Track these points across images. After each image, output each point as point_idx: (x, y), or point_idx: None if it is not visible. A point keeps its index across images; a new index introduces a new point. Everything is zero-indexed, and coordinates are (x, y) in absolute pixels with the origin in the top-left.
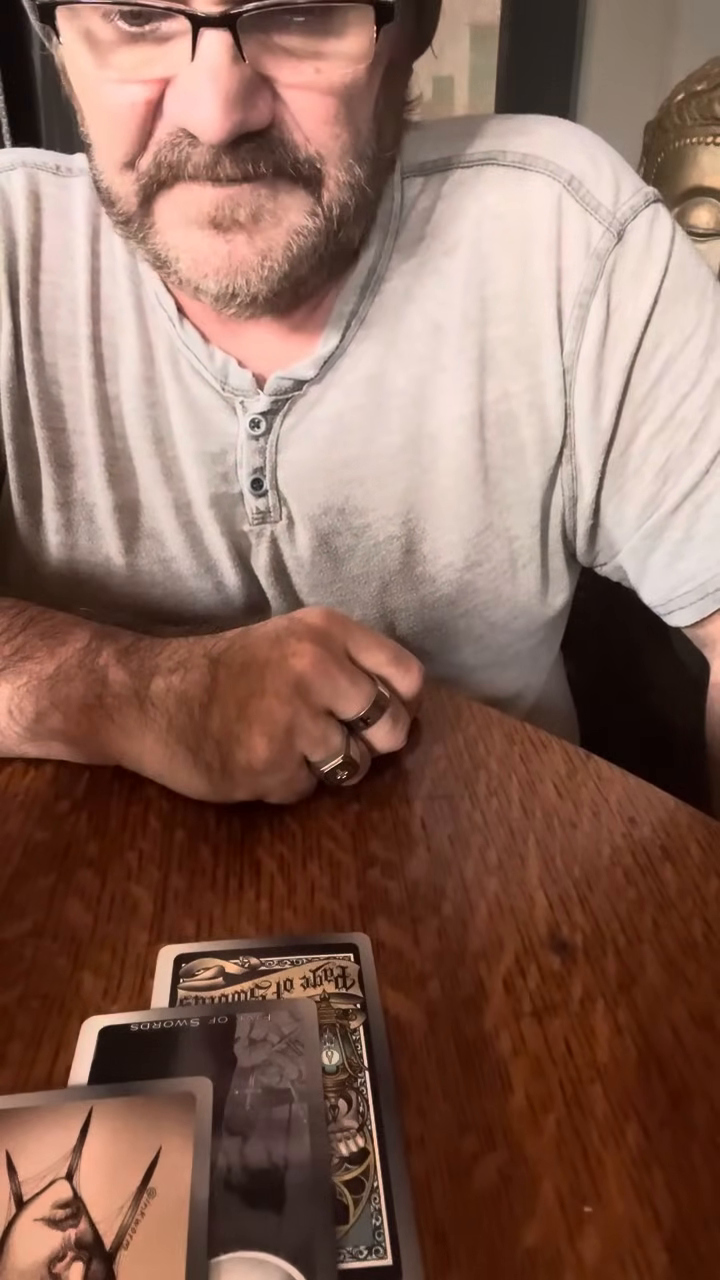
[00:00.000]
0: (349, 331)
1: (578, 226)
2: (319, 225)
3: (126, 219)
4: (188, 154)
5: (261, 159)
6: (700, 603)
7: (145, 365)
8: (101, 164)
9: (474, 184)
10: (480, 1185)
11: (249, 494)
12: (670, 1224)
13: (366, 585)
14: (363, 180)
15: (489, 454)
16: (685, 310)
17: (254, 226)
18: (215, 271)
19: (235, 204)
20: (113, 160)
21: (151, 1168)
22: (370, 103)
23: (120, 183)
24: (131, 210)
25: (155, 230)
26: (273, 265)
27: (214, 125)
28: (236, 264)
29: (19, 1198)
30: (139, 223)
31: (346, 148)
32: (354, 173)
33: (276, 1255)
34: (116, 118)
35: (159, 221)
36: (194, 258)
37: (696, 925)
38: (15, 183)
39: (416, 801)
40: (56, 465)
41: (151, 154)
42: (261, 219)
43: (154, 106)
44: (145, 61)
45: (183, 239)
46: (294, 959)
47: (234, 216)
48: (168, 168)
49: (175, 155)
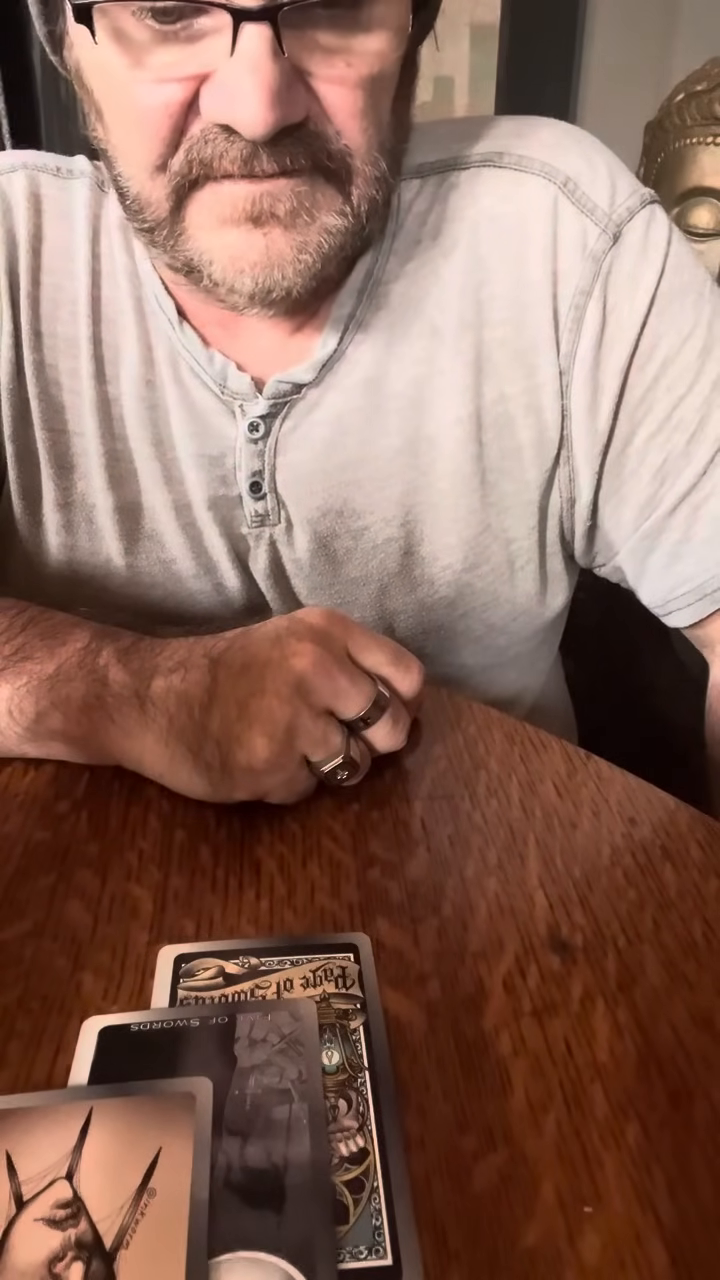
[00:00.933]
0: (347, 335)
1: (574, 228)
2: (348, 225)
3: (155, 226)
4: (224, 149)
5: (299, 153)
6: (698, 604)
7: (145, 368)
8: (129, 170)
9: (470, 186)
10: (480, 1185)
11: (248, 497)
12: (670, 1224)
13: (365, 587)
14: (386, 173)
15: (486, 456)
16: (682, 311)
17: (291, 222)
18: (253, 266)
19: (274, 199)
20: (144, 164)
21: (151, 1168)
22: (390, 95)
23: (152, 188)
24: (162, 216)
25: (186, 235)
26: (308, 260)
27: (258, 120)
28: (275, 258)
29: (19, 1198)
30: (169, 229)
31: (373, 141)
32: (379, 166)
33: (276, 1255)
34: (149, 118)
35: (190, 225)
36: (230, 254)
37: (696, 925)
38: (16, 185)
39: (416, 801)
40: (57, 466)
41: (184, 152)
42: (299, 216)
43: (188, 106)
44: (179, 61)
45: (217, 239)
46: (294, 959)
47: (272, 210)
48: (200, 164)
49: (209, 151)
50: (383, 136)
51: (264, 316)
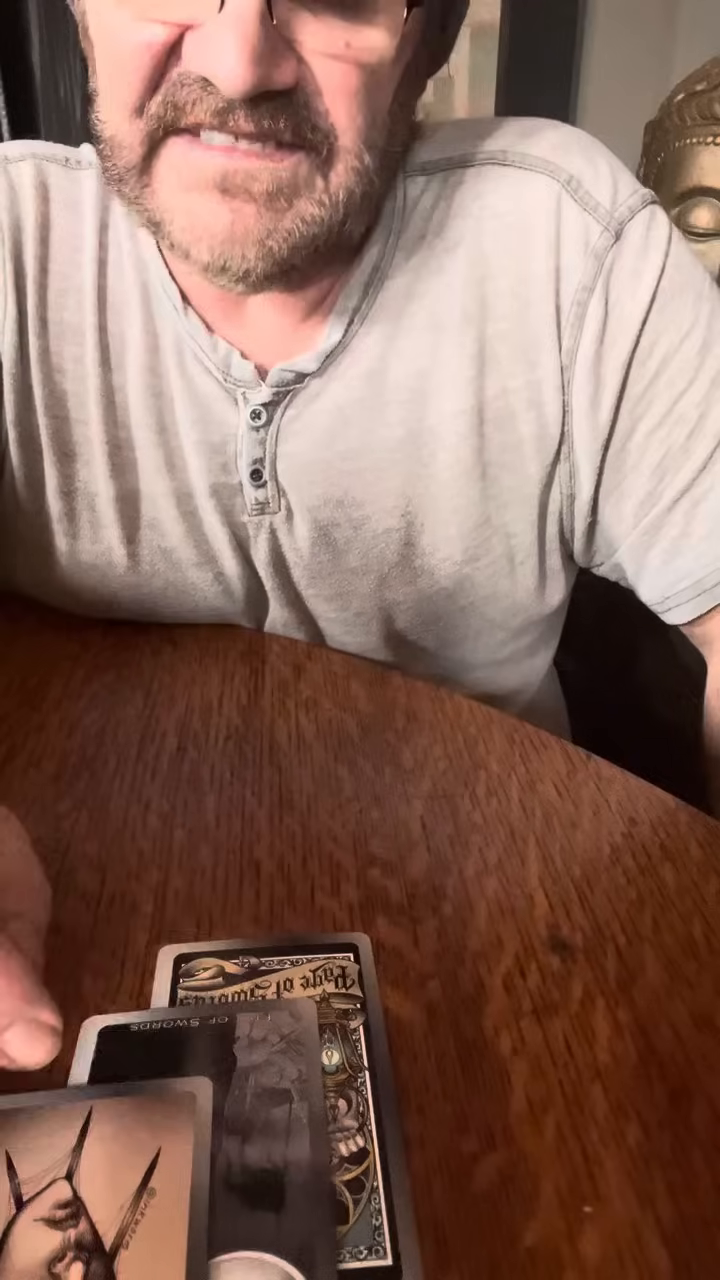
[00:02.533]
0: (352, 326)
1: (576, 226)
2: (325, 215)
3: (124, 174)
4: (199, 96)
5: (281, 117)
6: (697, 599)
7: (150, 355)
8: (108, 110)
9: (475, 183)
10: (480, 1185)
11: (248, 484)
12: (670, 1224)
13: (365, 577)
14: (371, 170)
15: (487, 449)
16: (682, 308)
17: (268, 204)
18: (212, 237)
19: (250, 176)
20: (121, 103)
21: (151, 1168)
22: (389, 95)
23: (127, 130)
24: (133, 162)
25: (151, 191)
26: (273, 246)
27: (236, 77)
28: (238, 234)
29: (19, 1198)
30: (135, 180)
31: (361, 130)
32: (364, 160)
33: (276, 1255)
34: (130, 57)
35: (156, 181)
36: (189, 220)
37: (696, 925)
38: (24, 173)
39: (416, 801)
40: (59, 454)
41: (161, 94)
42: (277, 199)
43: (170, 49)
44: (167, 2)
45: (180, 200)
46: (294, 959)
47: (246, 187)
48: (174, 108)
49: (185, 95)
50: (373, 131)
51: (230, 292)
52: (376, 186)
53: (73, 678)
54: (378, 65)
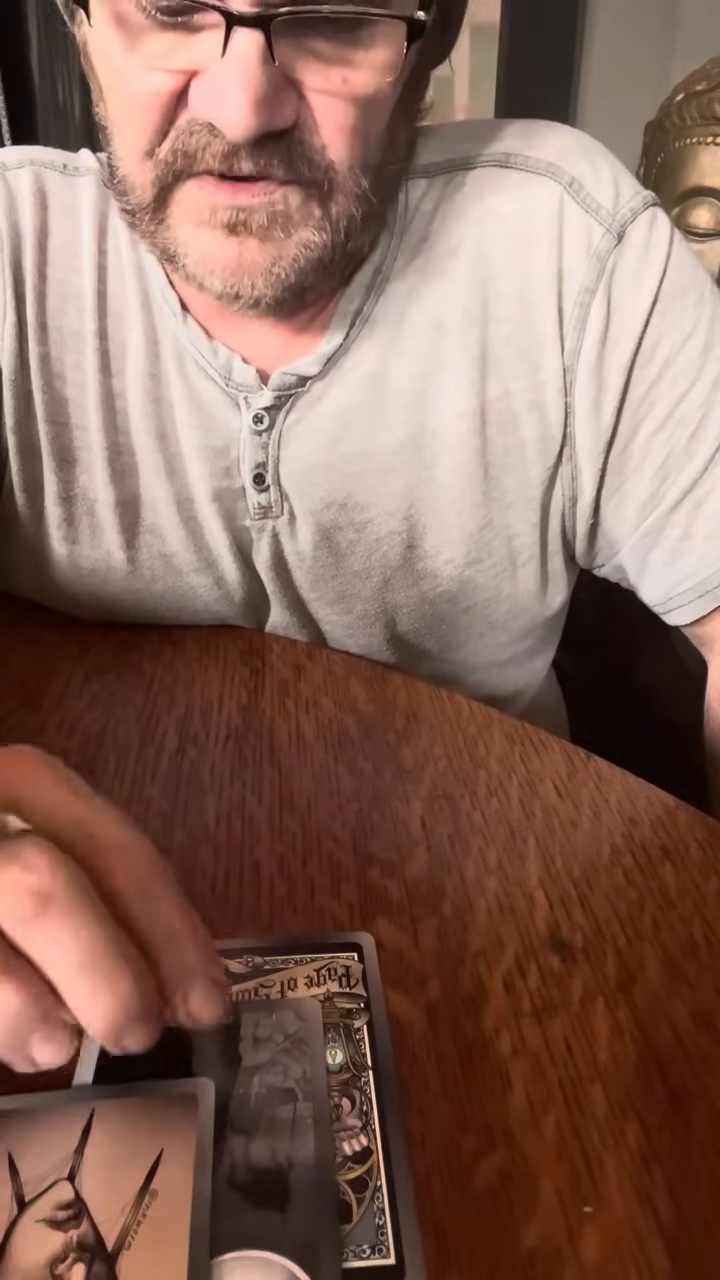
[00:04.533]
0: (353, 330)
1: (579, 227)
2: (326, 240)
3: (137, 211)
4: (207, 142)
5: (278, 158)
6: (699, 600)
7: (150, 361)
8: (121, 151)
9: (477, 185)
10: (481, 1185)
11: (251, 489)
12: (670, 1224)
13: (367, 580)
14: (368, 191)
15: (489, 451)
16: (684, 310)
17: (266, 235)
18: (222, 270)
19: (248, 212)
20: (134, 147)
21: (153, 1169)
22: (386, 115)
23: (139, 172)
24: (146, 201)
25: (167, 225)
26: (279, 274)
27: (240, 123)
28: (246, 265)
29: (21, 1199)
30: (150, 216)
31: (358, 158)
32: (361, 184)
33: (281, 1254)
34: (140, 105)
35: (171, 219)
36: (202, 254)
37: (696, 925)
38: (22, 180)
39: (416, 801)
40: (59, 460)
41: (170, 141)
42: (273, 230)
43: (178, 96)
44: (174, 49)
45: (193, 236)
46: (298, 958)
47: (246, 223)
48: (184, 156)
49: (194, 143)
50: (370, 156)
51: (245, 315)
52: (376, 205)
53: (73, 678)
54: (375, 96)
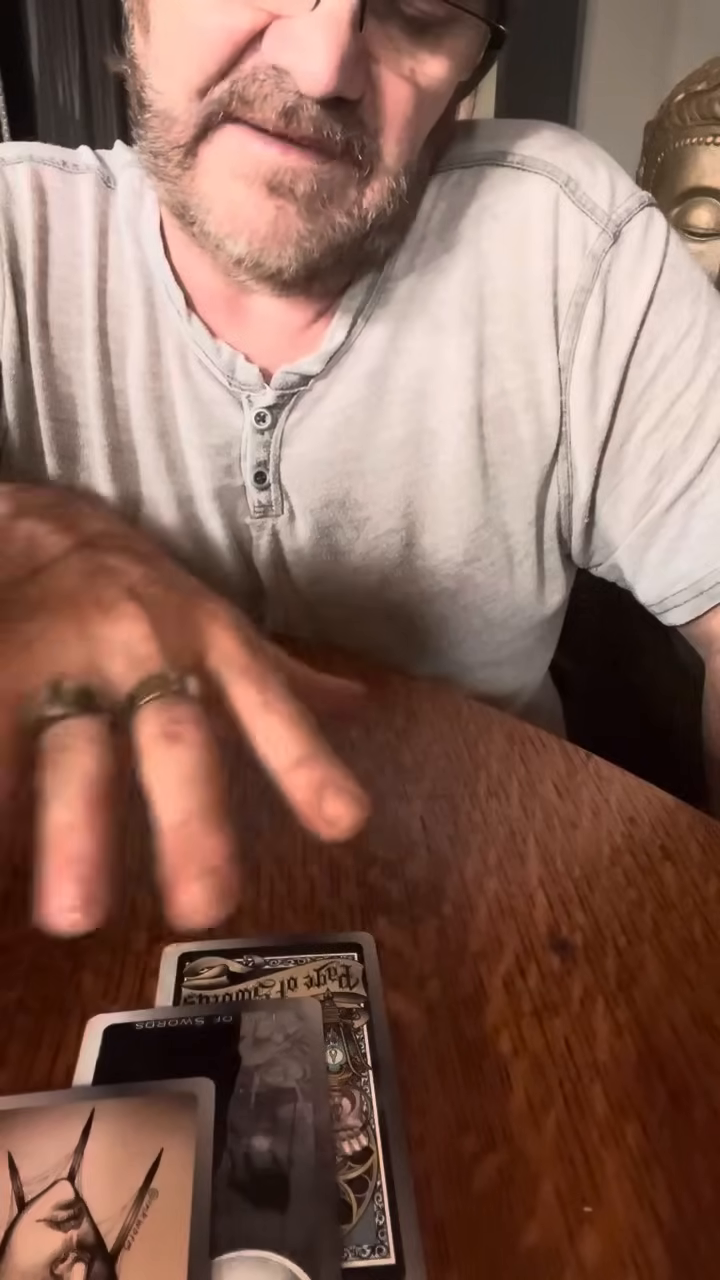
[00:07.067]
0: (355, 327)
1: (574, 227)
2: (352, 226)
3: (167, 150)
4: (269, 91)
5: (337, 128)
6: (695, 600)
7: (152, 359)
8: (166, 84)
9: (474, 184)
10: (480, 1185)
11: (251, 487)
12: (670, 1224)
13: (366, 578)
14: (403, 193)
15: (487, 450)
16: (680, 310)
17: (306, 204)
18: (252, 233)
19: (295, 175)
20: (185, 82)
21: (154, 1169)
22: (436, 118)
23: (184, 109)
24: (183, 140)
25: (194, 175)
26: (309, 248)
27: (322, 79)
28: (280, 231)
29: (20, 1199)
30: (179, 160)
31: (405, 153)
32: (400, 182)
33: (280, 1254)
34: (208, 39)
35: (201, 166)
36: (230, 212)
37: (696, 925)
38: (20, 176)
39: (416, 801)
40: (60, 457)
41: (229, 83)
42: (315, 200)
43: (251, 37)
44: None
45: (223, 190)
46: (298, 958)
47: (291, 186)
48: (241, 101)
49: (255, 90)
50: (413, 154)
51: (251, 289)
52: (402, 208)
53: None
54: (436, 93)
